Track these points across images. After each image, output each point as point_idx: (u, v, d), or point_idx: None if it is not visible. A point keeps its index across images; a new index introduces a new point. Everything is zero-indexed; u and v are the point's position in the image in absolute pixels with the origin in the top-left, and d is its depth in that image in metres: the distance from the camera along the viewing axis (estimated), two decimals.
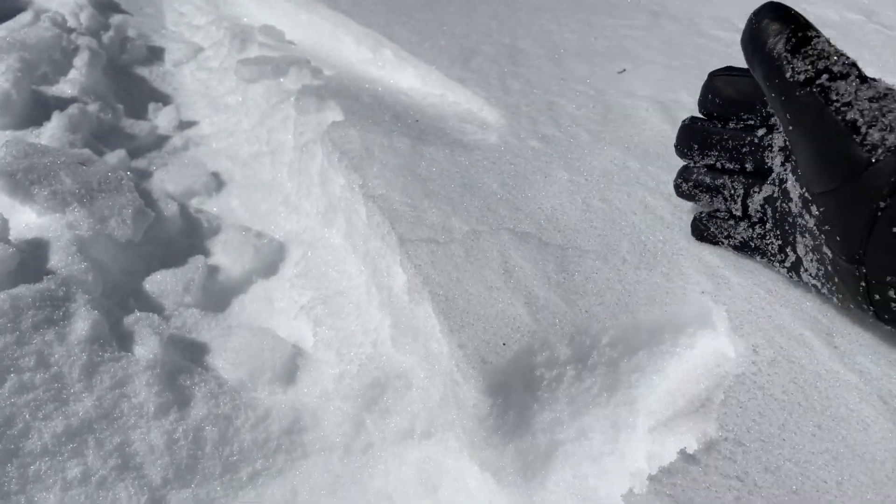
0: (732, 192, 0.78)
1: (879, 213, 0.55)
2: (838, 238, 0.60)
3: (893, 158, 0.53)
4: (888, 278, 0.57)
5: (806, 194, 0.63)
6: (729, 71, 0.76)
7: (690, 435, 0.64)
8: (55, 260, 0.95)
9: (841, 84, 0.58)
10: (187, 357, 0.92)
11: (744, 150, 0.76)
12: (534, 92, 1.22)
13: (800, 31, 0.60)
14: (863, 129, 0.55)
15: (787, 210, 0.69)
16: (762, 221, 0.77)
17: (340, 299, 0.99)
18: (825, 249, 0.63)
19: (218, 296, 1.07)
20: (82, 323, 0.86)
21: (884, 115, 0.55)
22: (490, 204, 0.91)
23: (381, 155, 1.03)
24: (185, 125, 1.65)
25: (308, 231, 1.15)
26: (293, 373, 0.92)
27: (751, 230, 0.78)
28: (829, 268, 0.64)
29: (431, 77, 1.35)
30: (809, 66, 0.59)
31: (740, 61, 0.70)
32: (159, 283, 1.01)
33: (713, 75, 0.77)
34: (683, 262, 0.80)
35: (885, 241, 0.55)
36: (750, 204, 0.77)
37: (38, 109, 1.44)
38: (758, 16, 0.63)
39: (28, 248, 0.96)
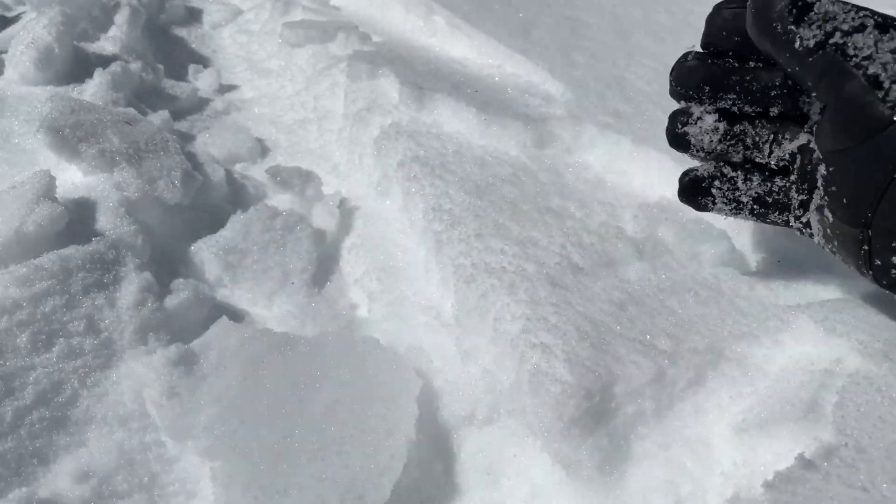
0: (756, 139, 0.69)
1: (893, 178, 0.53)
2: (845, 200, 0.58)
3: None
4: (894, 244, 0.55)
5: (818, 157, 0.61)
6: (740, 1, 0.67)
7: (791, 439, 0.59)
8: (103, 221, 0.91)
9: (858, 37, 0.55)
10: None
11: (772, 92, 0.67)
12: (600, 66, 1.16)
13: (799, 1, 0.58)
14: (886, 84, 0.52)
15: (818, 159, 0.63)
16: (784, 172, 0.70)
17: (398, 274, 0.95)
18: (826, 212, 0.61)
19: None
20: (133, 287, 0.82)
21: None
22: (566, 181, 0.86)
23: None
24: (225, 89, 1.60)
25: (360, 202, 1.10)
26: None
27: (768, 183, 0.70)
28: (829, 230, 0.62)
29: (488, 47, 1.30)
30: (818, 31, 0.56)
31: None
32: (209, 249, 0.97)
33: (720, 7, 0.68)
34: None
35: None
36: (776, 152, 0.69)
37: (79, 66, 1.39)
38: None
39: (75, 207, 0.92)
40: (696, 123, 0.72)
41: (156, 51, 1.70)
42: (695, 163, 0.76)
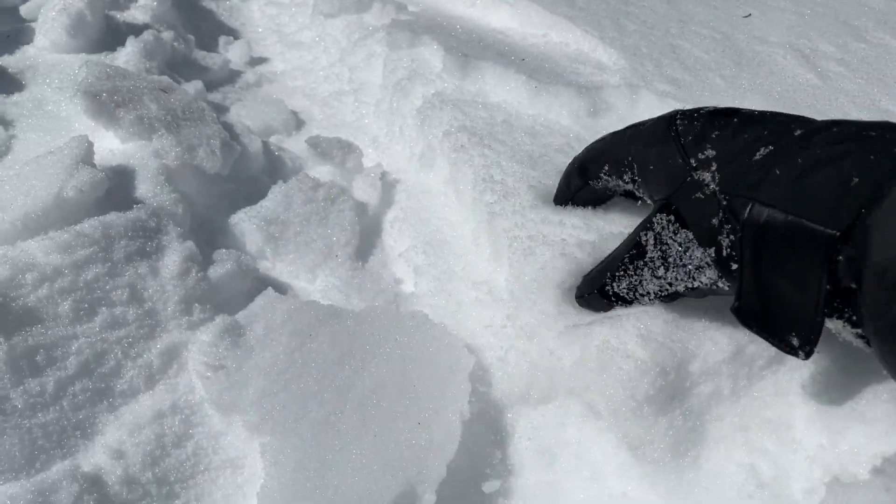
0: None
1: None
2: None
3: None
4: None
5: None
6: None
7: (887, 421, 0.55)
8: (143, 189, 0.88)
9: None
10: None
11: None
12: (652, 33, 1.11)
13: None
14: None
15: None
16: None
17: (444, 248, 0.91)
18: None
19: None
20: (176, 257, 0.79)
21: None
22: None
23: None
24: (256, 61, 1.56)
25: (402, 174, 1.06)
26: None
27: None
28: None
29: (531, 15, 1.25)
30: None
31: (875, 11, 0.61)
32: (250, 220, 0.94)
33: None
34: None
35: None
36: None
37: (111, 35, 1.36)
38: None
39: (113, 175, 0.89)
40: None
41: (185, 22, 1.66)
42: None
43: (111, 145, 0.95)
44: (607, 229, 0.77)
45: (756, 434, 0.61)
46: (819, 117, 0.90)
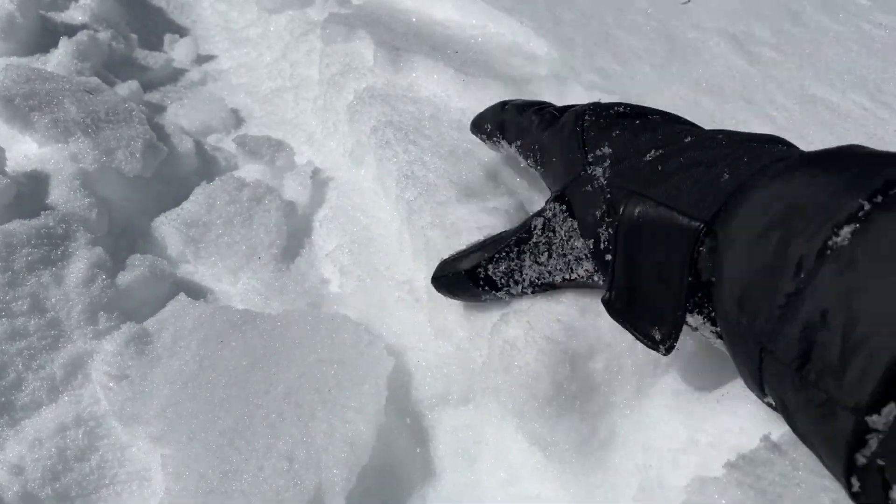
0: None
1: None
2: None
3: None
4: None
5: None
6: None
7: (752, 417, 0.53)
8: (56, 194, 0.86)
9: None
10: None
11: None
12: (588, 23, 1.09)
13: None
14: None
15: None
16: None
17: (371, 247, 0.89)
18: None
19: None
20: (82, 264, 0.77)
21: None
22: None
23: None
24: (202, 59, 1.54)
25: (334, 172, 1.04)
26: None
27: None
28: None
29: (471, 7, 1.22)
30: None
31: None
32: (171, 223, 0.91)
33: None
34: None
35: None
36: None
37: (46, 37, 1.33)
38: None
39: (26, 180, 0.87)
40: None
41: (131, 20, 1.63)
42: None
43: (27, 150, 0.93)
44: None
45: (652, 434, 0.59)
46: (746, 104, 0.88)
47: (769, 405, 0.42)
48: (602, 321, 0.63)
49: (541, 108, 0.75)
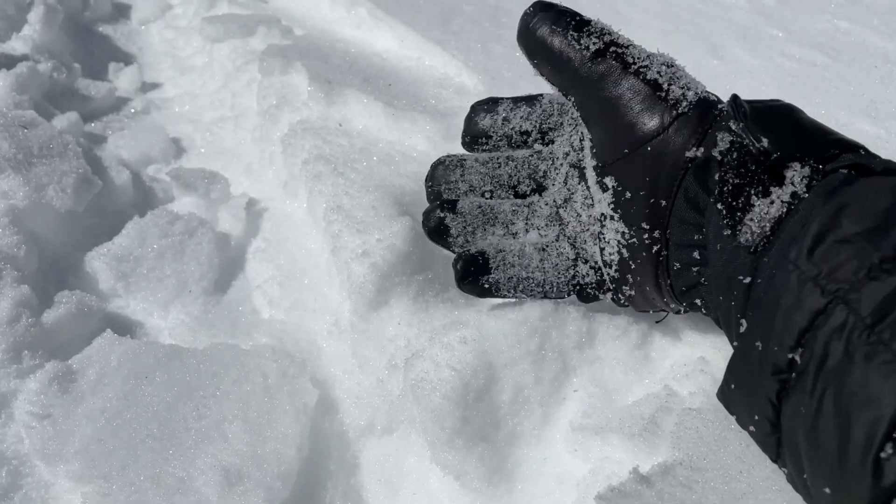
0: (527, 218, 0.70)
1: (689, 165, 0.54)
2: (634, 209, 0.58)
3: (697, 111, 0.54)
4: (694, 237, 0.55)
5: (599, 174, 0.61)
6: (491, 100, 0.74)
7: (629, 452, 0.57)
8: None
9: (633, 49, 0.58)
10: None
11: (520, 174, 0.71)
12: (517, 56, 1.13)
13: (577, 16, 0.61)
14: (665, 86, 0.55)
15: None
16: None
17: (301, 279, 0.91)
18: (621, 229, 0.60)
19: None
20: (6, 303, 0.78)
21: (678, 78, 0.56)
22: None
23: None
24: (147, 87, 1.55)
25: (270, 203, 1.06)
26: None
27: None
28: (625, 252, 0.60)
29: (408, 39, 1.26)
30: (598, 40, 0.59)
31: (738, 26, 0.64)
32: (101, 258, 0.92)
33: (474, 106, 0.75)
34: None
35: (692, 195, 0.54)
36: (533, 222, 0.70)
37: None
38: (532, 11, 0.63)
39: None
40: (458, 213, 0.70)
41: (75, 50, 1.63)
42: None
43: None
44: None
45: (558, 464, 0.62)
46: None
47: (792, 360, 0.43)
48: (515, 352, 0.65)
49: None
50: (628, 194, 0.58)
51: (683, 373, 0.61)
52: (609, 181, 0.60)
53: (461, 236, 0.70)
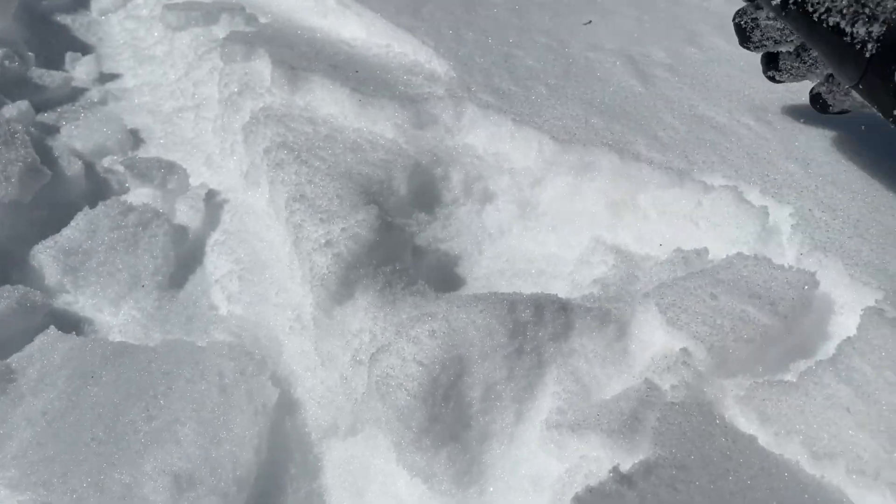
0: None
1: None
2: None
3: (883, 51, 0.57)
4: None
5: None
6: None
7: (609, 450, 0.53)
8: None
9: None
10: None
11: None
12: (489, 43, 1.09)
13: None
14: (847, 29, 0.59)
15: None
16: None
17: (262, 272, 0.86)
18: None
19: None
20: None
21: (863, 8, 0.58)
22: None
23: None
24: (106, 78, 1.48)
25: (230, 194, 1.01)
26: None
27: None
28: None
29: (377, 26, 1.21)
30: None
31: (715, 15, 0.79)
32: (48, 251, 0.86)
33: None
34: None
35: None
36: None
37: None
38: None
39: None
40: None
41: (30, 39, 1.56)
42: None
43: None
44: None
45: (533, 464, 0.58)
46: (634, 124, 0.89)
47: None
48: (486, 345, 0.61)
49: None
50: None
51: (664, 365, 0.58)
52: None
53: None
